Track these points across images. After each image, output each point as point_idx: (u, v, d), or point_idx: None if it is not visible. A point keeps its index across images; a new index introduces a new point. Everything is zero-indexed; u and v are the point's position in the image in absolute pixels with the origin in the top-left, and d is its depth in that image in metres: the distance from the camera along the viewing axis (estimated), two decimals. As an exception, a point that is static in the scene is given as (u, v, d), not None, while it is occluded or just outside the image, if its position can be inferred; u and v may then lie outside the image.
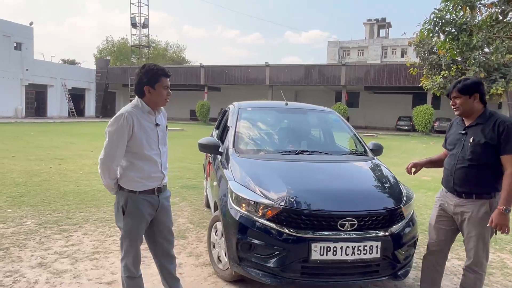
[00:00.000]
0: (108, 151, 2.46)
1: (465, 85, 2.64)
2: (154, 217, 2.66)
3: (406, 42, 28.61)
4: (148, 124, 2.54)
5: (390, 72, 30.89)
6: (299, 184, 3.13)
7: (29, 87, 34.58)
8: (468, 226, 2.65)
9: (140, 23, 22.03)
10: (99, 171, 2.54)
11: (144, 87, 2.49)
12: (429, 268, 2.91)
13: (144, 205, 2.56)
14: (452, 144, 2.78)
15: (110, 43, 56.32)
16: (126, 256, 2.61)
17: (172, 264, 2.81)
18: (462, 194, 2.66)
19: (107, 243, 4.20)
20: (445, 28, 9.65)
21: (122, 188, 2.56)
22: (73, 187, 6.84)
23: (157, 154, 2.59)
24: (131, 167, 2.52)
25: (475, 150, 2.58)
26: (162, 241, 2.73)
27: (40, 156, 10.61)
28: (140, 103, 2.54)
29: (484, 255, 2.65)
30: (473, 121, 2.67)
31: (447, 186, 2.78)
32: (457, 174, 2.66)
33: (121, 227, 2.59)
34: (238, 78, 35.69)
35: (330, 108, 5.08)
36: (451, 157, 2.75)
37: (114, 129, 2.44)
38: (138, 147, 2.49)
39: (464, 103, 2.64)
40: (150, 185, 2.56)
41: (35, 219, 4.91)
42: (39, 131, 19.91)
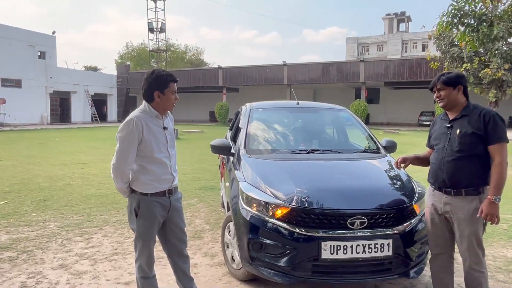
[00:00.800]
0: (120, 156, 2.54)
1: (449, 77, 2.66)
2: (167, 218, 2.73)
3: (427, 35, 27.96)
4: (157, 128, 2.62)
5: (411, 67, 30.29)
6: (308, 183, 3.14)
7: (54, 94, 35.66)
8: (460, 226, 2.60)
9: (157, 28, 22.38)
10: (112, 176, 2.62)
11: (154, 92, 2.57)
12: (437, 271, 2.85)
13: (156, 207, 2.63)
14: (437, 139, 2.76)
15: (130, 48, 57.38)
16: (140, 257, 2.69)
17: (185, 263, 2.87)
18: (451, 191, 2.62)
19: (125, 245, 4.31)
20: (464, 20, 9.44)
21: (134, 191, 2.63)
22: (95, 191, 7.04)
23: (167, 157, 2.66)
24: (142, 171, 2.59)
25: (463, 141, 2.56)
26: (175, 241, 2.80)
27: (64, 161, 10.95)
28: (147, 108, 2.62)
29: (480, 252, 2.60)
30: (458, 114, 2.66)
31: (435, 182, 2.73)
32: (446, 167, 2.63)
33: (134, 229, 2.67)
34: (255, 78, 35.76)
35: (343, 107, 5.05)
36: (438, 151, 2.72)
37: (125, 134, 2.52)
38: (148, 151, 2.56)
39: (448, 95, 2.64)
40: (161, 187, 2.63)
41: (57, 222, 5.08)
42: (64, 136, 20.51)
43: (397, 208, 2.95)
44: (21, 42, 32.27)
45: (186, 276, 2.88)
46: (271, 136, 4.27)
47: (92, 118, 38.33)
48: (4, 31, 31.12)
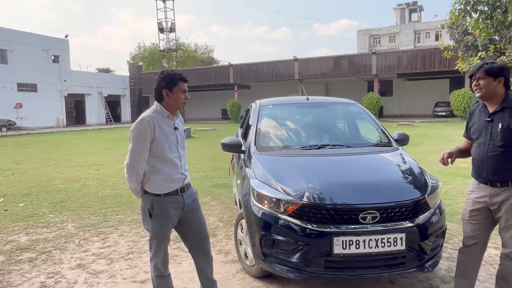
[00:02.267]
0: (133, 155, 2.57)
1: (492, 67, 2.57)
2: (183, 216, 2.76)
3: (439, 24, 27.46)
4: (168, 128, 2.65)
5: (424, 57, 29.80)
6: (319, 179, 3.13)
7: (68, 97, 36.31)
8: (506, 214, 2.55)
9: (167, 28, 22.51)
10: (126, 176, 2.65)
11: (162, 91, 2.62)
12: (464, 262, 2.81)
13: (170, 207, 2.66)
14: (477, 133, 2.68)
15: (142, 49, 57.88)
16: (155, 256, 2.73)
17: (206, 263, 2.88)
18: (497, 183, 2.56)
19: (140, 244, 4.38)
20: (477, 7, 9.25)
21: (147, 192, 2.66)
22: (110, 191, 7.15)
23: (177, 157, 2.69)
24: (154, 171, 2.62)
25: (506, 136, 2.49)
26: (195, 238, 2.83)
27: (80, 162, 11.14)
28: (159, 108, 2.66)
29: None
30: (497, 106, 2.58)
31: (479, 177, 2.67)
32: (490, 162, 2.56)
33: (149, 229, 2.71)
34: (267, 74, 35.71)
35: (355, 100, 5.01)
36: (480, 146, 2.65)
37: (137, 133, 2.56)
38: (160, 150, 2.60)
39: (488, 85, 2.56)
40: (173, 186, 2.66)
41: (75, 223, 5.18)
42: (79, 138, 20.86)
43: (410, 202, 2.92)
44: (35, 47, 32.90)
45: (207, 278, 2.90)
46: (281, 132, 4.27)
47: (107, 119, 38.88)
48: (19, 37, 31.78)
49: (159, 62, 29.23)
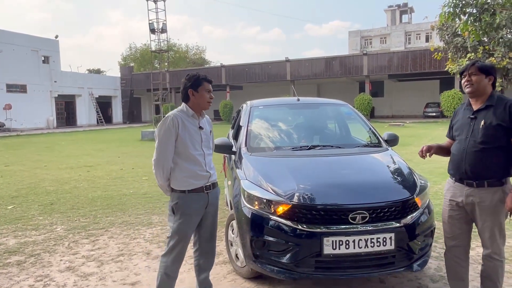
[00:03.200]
0: (160, 151, 2.70)
1: (484, 65, 2.62)
2: (204, 214, 2.85)
3: (429, 26, 27.74)
4: (192, 126, 2.77)
5: (414, 58, 30.07)
6: (309, 180, 3.14)
7: (58, 98, 35.97)
8: (482, 215, 2.58)
9: (158, 29, 22.41)
10: (153, 172, 2.75)
11: (188, 91, 2.77)
12: (452, 264, 2.83)
13: (194, 204, 2.76)
14: (459, 130, 2.71)
15: (133, 49, 57.55)
16: (169, 253, 2.78)
17: (210, 264, 2.99)
18: (473, 183, 2.59)
19: (131, 246, 4.35)
20: (465, 9, 9.35)
21: (174, 190, 2.77)
22: (101, 193, 7.10)
23: (201, 155, 2.78)
24: (177, 168, 2.73)
25: (487, 133, 2.53)
26: (207, 236, 2.92)
27: (70, 164, 11.04)
28: (184, 108, 2.80)
29: (502, 241, 2.61)
30: (482, 104, 2.62)
31: (456, 173, 2.70)
32: (469, 158, 2.59)
33: (171, 226, 2.78)
34: (259, 75, 35.73)
35: (345, 102, 5.03)
36: (460, 142, 2.68)
37: (163, 131, 2.70)
38: (183, 147, 2.71)
39: (479, 81, 2.59)
40: (197, 183, 2.76)
41: (64, 225, 5.14)
42: (70, 140, 20.68)
43: (399, 202, 2.95)
44: (25, 48, 32.55)
45: (205, 278, 2.97)
46: (271, 133, 4.28)
47: (98, 120, 38.58)
48: (8, 37, 31.41)
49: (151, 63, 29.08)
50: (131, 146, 16.72)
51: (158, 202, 6.24)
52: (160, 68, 25.79)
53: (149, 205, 6.12)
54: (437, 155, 2.97)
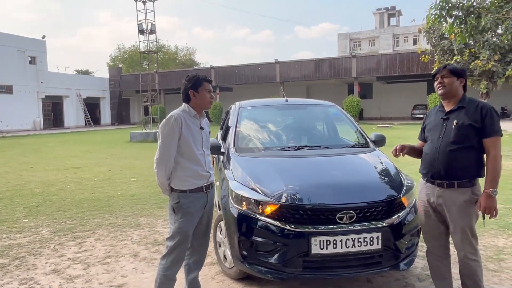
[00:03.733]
0: (163, 149, 2.71)
1: (456, 68, 2.70)
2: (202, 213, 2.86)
3: (417, 29, 28.09)
4: (194, 126, 2.81)
5: (402, 61, 30.40)
6: (296, 180, 3.15)
7: (46, 99, 35.45)
8: (452, 216, 2.62)
9: (147, 30, 22.25)
10: (155, 171, 2.75)
11: (189, 91, 2.80)
12: (434, 263, 2.87)
13: (194, 203, 2.77)
14: (432, 130, 2.77)
15: (122, 50, 57.09)
16: (169, 254, 2.77)
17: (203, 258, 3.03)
18: (444, 183, 2.64)
19: (118, 248, 4.30)
20: (452, 12, 9.50)
21: (174, 189, 2.78)
22: (88, 195, 7.01)
23: (202, 155, 2.82)
24: (179, 167, 2.75)
25: (460, 133, 2.59)
26: (203, 233, 2.94)
27: (57, 166, 10.90)
28: (187, 108, 2.83)
29: (475, 241, 2.63)
30: (454, 105, 2.68)
31: (428, 172, 2.74)
32: (442, 157, 2.64)
33: (171, 226, 2.78)
34: (248, 77, 35.75)
35: (334, 103, 5.06)
36: (433, 142, 2.73)
37: (166, 130, 2.72)
38: (186, 147, 2.74)
39: (451, 83, 2.66)
40: (198, 183, 2.78)
41: (50, 228, 5.06)
42: (57, 141, 20.41)
43: (386, 201, 2.97)
44: (11, 48, 32.03)
45: (194, 278, 2.99)
46: (260, 134, 4.28)
47: (86, 122, 38.15)
48: (-7, 37, 30.88)
49: (140, 64, 28.89)
50: (119, 147, 16.57)
51: (146, 204, 6.19)
52: (149, 69, 25.61)
53: (137, 206, 6.07)
54: (409, 155, 3.02)
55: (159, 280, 2.79)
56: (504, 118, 31.42)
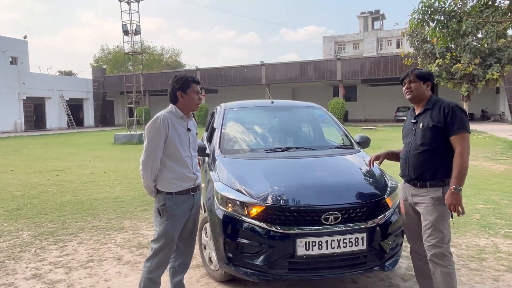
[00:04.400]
0: (149, 151, 2.66)
1: (421, 72, 2.76)
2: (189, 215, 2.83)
3: (400, 33, 28.60)
4: (181, 128, 2.76)
5: (386, 64, 30.85)
6: (282, 181, 3.15)
7: (27, 100, 34.73)
8: (423, 215, 2.65)
9: (132, 30, 22.00)
10: (141, 173, 2.71)
11: (177, 92, 2.75)
12: (418, 262, 2.90)
13: (181, 206, 2.73)
14: (406, 135, 2.86)
15: (106, 51, 56.43)
16: (153, 257, 2.73)
17: (189, 260, 3.02)
18: (417, 183, 2.69)
19: (101, 251, 4.23)
20: (434, 16, 9.67)
21: (160, 191, 2.74)
22: (70, 197, 6.88)
23: (189, 157, 2.78)
24: (165, 169, 2.71)
25: (425, 135, 2.64)
26: (189, 235, 2.91)
27: (39, 168, 10.67)
28: (174, 109, 2.78)
29: (443, 245, 2.55)
30: (421, 109, 2.74)
31: (403, 175, 2.82)
32: (411, 160, 2.71)
33: (156, 229, 2.74)
34: (234, 79, 35.73)
35: (319, 104, 5.09)
36: (406, 146, 2.82)
37: (153, 131, 2.67)
38: (173, 149, 2.69)
39: (418, 88, 2.73)
40: (185, 185, 2.74)
41: (31, 231, 4.94)
42: (39, 143, 19.99)
43: (370, 202, 2.99)
44: (-9, 48, 31.30)
45: (179, 282, 2.96)
46: (245, 135, 4.27)
47: (68, 123, 37.49)
48: (-28, 37, 30.12)
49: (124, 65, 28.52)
50: (103, 149, 16.32)
51: (130, 207, 6.10)
52: (133, 70, 25.29)
53: (121, 209, 5.98)
54: (391, 160, 3.09)
55: (143, 283, 2.75)
56: (485, 120, 32.17)
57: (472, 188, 6.78)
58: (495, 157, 10.97)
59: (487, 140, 16.17)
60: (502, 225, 4.82)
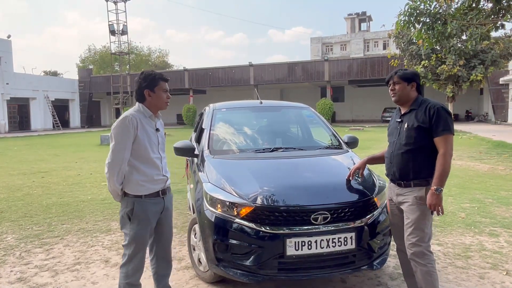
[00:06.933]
0: (116, 153, 2.52)
1: (405, 73, 2.77)
2: (158, 219, 2.73)
3: (387, 34, 28.92)
4: (150, 128, 2.64)
5: (373, 65, 31.18)
6: (271, 182, 3.15)
7: (11, 101, 34.09)
8: (406, 213, 2.69)
9: (118, 30, 21.83)
10: (106, 176, 2.58)
11: (144, 91, 2.61)
12: (405, 261, 2.91)
13: (150, 209, 2.63)
14: (390, 135, 2.88)
15: (92, 51, 55.78)
16: (128, 262, 2.64)
17: (167, 269, 2.90)
18: (402, 183, 2.72)
19: (88, 254, 4.17)
20: (420, 18, 9.81)
21: (127, 195, 2.61)
22: (56, 200, 6.77)
23: (158, 158, 2.67)
24: (134, 172, 2.59)
25: (409, 135, 2.67)
26: (163, 241, 2.82)
27: (23, 170, 10.47)
28: (141, 108, 2.65)
29: (423, 244, 2.58)
30: (407, 109, 2.77)
31: (388, 175, 2.86)
32: (396, 160, 2.74)
33: (127, 234, 2.63)
34: (222, 79, 35.66)
35: (306, 105, 5.11)
36: (390, 146, 2.85)
37: (120, 131, 2.53)
38: (142, 150, 2.58)
39: (402, 89, 2.74)
40: (154, 188, 2.65)
41: (15, 234, 4.85)
42: (23, 145, 19.63)
43: (359, 202, 3.02)
44: (-27, 48, 30.64)
45: (164, 284, 2.89)
46: (234, 136, 4.26)
47: (54, 124, 36.92)
48: (-46, 36, 29.41)
49: (111, 65, 28.25)
50: (89, 151, 16.11)
51: (118, 208, 5.99)
52: (120, 71, 25.12)
53: (108, 211, 5.91)
54: (373, 164, 3.15)
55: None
56: (469, 121, 32.74)
57: (458, 187, 6.89)
58: (479, 157, 11.17)
59: (471, 140, 16.46)
60: (486, 223, 4.90)
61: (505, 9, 9.13)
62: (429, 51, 22.13)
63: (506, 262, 3.73)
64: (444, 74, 22.42)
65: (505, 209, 5.52)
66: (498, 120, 28.57)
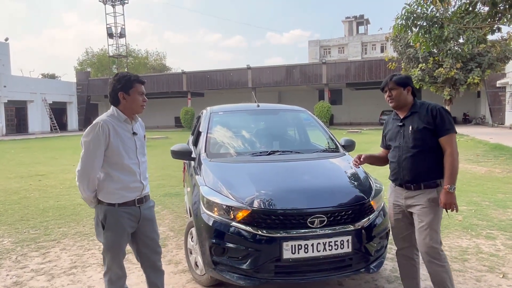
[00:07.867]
0: (85, 161, 2.41)
1: (400, 78, 2.81)
2: (137, 228, 2.60)
3: (384, 37, 29.04)
4: (125, 132, 2.51)
5: (370, 68, 31.27)
6: (268, 185, 3.15)
7: (8, 104, 34.00)
8: (418, 216, 2.70)
9: (116, 33, 21.85)
10: (77, 184, 2.48)
11: (118, 93, 2.48)
12: (404, 264, 2.95)
13: (124, 218, 2.50)
14: (392, 139, 2.89)
15: (90, 54, 55.74)
16: (109, 270, 2.56)
17: (159, 277, 2.76)
18: (411, 186, 2.73)
19: (85, 257, 4.16)
20: (417, 22, 9.85)
21: (101, 202, 2.50)
22: (53, 203, 6.75)
23: (135, 164, 2.53)
24: (109, 179, 2.47)
25: (416, 137, 2.70)
26: (147, 252, 2.68)
27: (20, 173, 10.44)
28: (115, 112, 2.51)
29: (438, 246, 2.65)
30: (407, 112, 2.80)
31: (396, 179, 2.85)
32: (405, 163, 2.75)
33: (102, 242, 2.54)
34: (220, 82, 35.69)
35: (304, 108, 5.12)
36: (396, 150, 2.84)
37: (90, 139, 2.40)
38: (116, 156, 2.45)
39: (399, 95, 2.78)
40: (129, 196, 2.51)
41: (12, 238, 4.83)
42: (20, 148, 19.58)
43: (355, 205, 3.02)
44: (-29, 50, 30.58)
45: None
46: (231, 139, 4.27)
47: (51, 127, 36.83)
48: (-49, 39, 29.35)
49: (109, 68, 28.24)
50: (87, 154, 16.04)
51: (115, 211, 6.01)
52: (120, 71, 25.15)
53: (105, 214, 5.88)
54: (372, 164, 3.14)
55: None
56: (466, 124, 32.84)
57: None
58: (476, 160, 11.20)
59: (469, 143, 16.50)
60: (483, 226, 4.92)
61: (502, 13, 9.18)
62: (426, 54, 22.22)
63: (502, 265, 3.73)
64: (441, 77, 22.52)
65: (502, 212, 5.53)
66: (495, 122, 28.67)
